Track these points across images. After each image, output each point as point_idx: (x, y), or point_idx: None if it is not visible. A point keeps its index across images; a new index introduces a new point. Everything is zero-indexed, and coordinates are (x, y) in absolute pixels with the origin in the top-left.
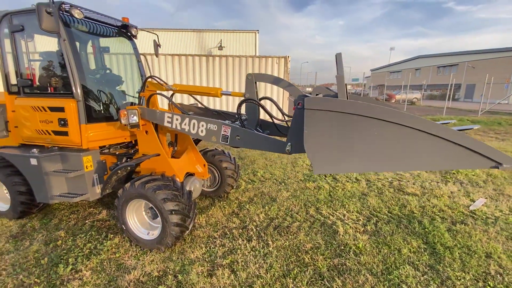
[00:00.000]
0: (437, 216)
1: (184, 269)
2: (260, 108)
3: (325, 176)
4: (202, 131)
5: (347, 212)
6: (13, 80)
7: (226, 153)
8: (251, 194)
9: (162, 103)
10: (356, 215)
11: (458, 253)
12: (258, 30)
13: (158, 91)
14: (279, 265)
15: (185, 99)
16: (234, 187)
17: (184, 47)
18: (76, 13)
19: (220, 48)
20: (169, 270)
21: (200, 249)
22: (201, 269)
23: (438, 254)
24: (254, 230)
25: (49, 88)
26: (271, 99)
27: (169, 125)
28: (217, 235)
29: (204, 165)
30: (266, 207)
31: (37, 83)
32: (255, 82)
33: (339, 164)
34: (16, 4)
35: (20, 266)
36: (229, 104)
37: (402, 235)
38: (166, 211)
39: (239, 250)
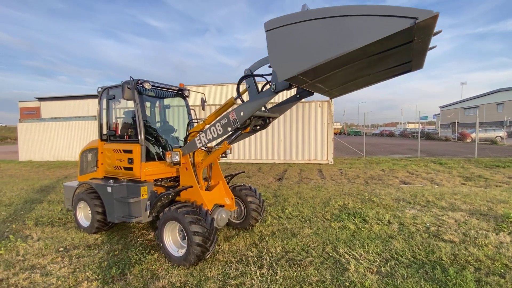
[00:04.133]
0: (470, 266)
1: (200, 284)
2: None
3: (354, 217)
4: (220, 130)
5: (365, 252)
6: (105, 131)
7: (252, 188)
8: (274, 229)
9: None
10: (373, 256)
11: None
12: None
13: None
14: None
15: None
16: (259, 220)
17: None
18: (146, 85)
19: None
20: (188, 282)
21: (217, 269)
22: (213, 286)
23: None
24: (268, 260)
25: (125, 136)
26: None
27: (200, 144)
28: (235, 260)
29: (232, 198)
30: (285, 241)
31: (119, 133)
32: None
33: (296, 65)
34: (113, 80)
35: (88, 266)
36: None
37: (417, 280)
38: (191, 232)
39: (249, 275)
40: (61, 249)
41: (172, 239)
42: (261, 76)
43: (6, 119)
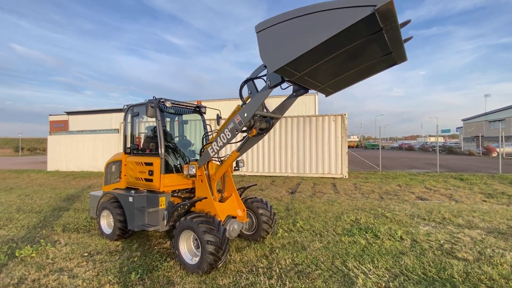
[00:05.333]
0: (482, 284)
1: None
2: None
3: (366, 232)
4: (228, 134)
5: (374, 267)
6: (128, 144)
7: (264, 201)
8: (285, 241)
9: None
10: (382, 272)
11: None
12: (317, 93)
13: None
14: None
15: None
16: (270, 233)
17: None
18: (167, 104)
19: None
20: None
21: (228, 278)
22: None
23: None
24: (278, 271)
25: (147, 150)
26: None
27: (213, 153)
28: (245, 270)
29: (244, 210)
30: (295, 254)
31: (141, 147)
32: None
33: (282, 58)
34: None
35: (110, 271)
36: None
37: None
38: (204, 241)
39: (258, 285)
40: (86, 254)
41: (187, 247)
42: (259, 78)
43: (37, 131)
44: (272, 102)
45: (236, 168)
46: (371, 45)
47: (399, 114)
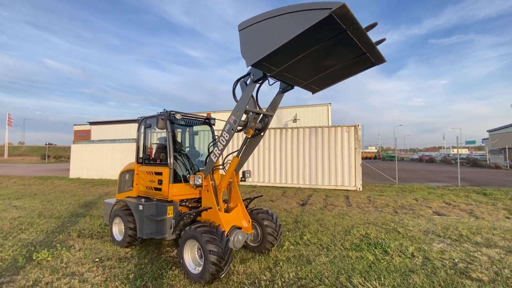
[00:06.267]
0: None
1: None
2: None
3: (375, 247)
4: (226, 136)
5: (380, 285)
6: (141, 154)
7: (269, 212)
8: (290, 255)
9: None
10: None
11: None
12: (330, 103)
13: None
14: None
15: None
16: (275, 245)
17: None
18: (178, 116)
19: (295, 121)
20: None
21: None
22: None
23: None
24: (280, 284)
25: (157, 160)
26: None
27: (215, 158)
28: (248, 282)
29: (249, 221)
30: (299, 268)
31: (152, 157)
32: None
33: (257, 53)
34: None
35: (118, 277)
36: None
37: None
38: (207, 251)
39: None
40: (97, 259)
41: (191, 256)
42: (247, 75)
43: (62, 140)
44: (267, 105)
45: (243, 179)
46: (342, 46)
47: (420, 125)
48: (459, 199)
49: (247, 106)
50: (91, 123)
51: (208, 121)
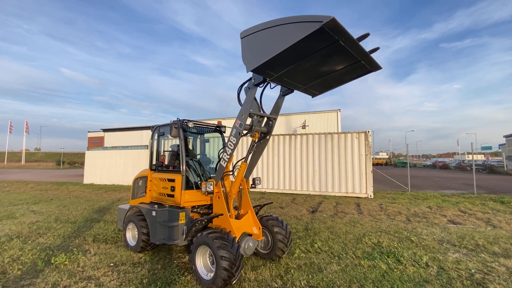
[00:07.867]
0: None
1: None
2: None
3: (388, 256)
4: (233, 140)
5: None
6: (154, 161)
7: (279, 219)
8: (301, 262)
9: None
10: None
11: None
12: (339, 109)
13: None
14: None
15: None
16: (286, 252)
17: (274, 129)
18: (190, 124)
19: (304, 127)
20: None
21: None
22: None
23: None
24: None
25: (170, 167)
26: None
27: (225, 163)
28: None
29: (260, 228)
30: (310, 276)
31: (165, 164)
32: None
33: (257, 59)
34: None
35: (132, 281)
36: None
37: None
38: (219, 256)
39: None
40: (112, 264)
41: (203, 262)
42: (249, 79)
43: (76, 146)
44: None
45: (253, 185)
46: (337, 54)
47: (433, 130)
48: (475, 207)
49: (251, 110)
50: (104, 130)
51: (218, 129)
